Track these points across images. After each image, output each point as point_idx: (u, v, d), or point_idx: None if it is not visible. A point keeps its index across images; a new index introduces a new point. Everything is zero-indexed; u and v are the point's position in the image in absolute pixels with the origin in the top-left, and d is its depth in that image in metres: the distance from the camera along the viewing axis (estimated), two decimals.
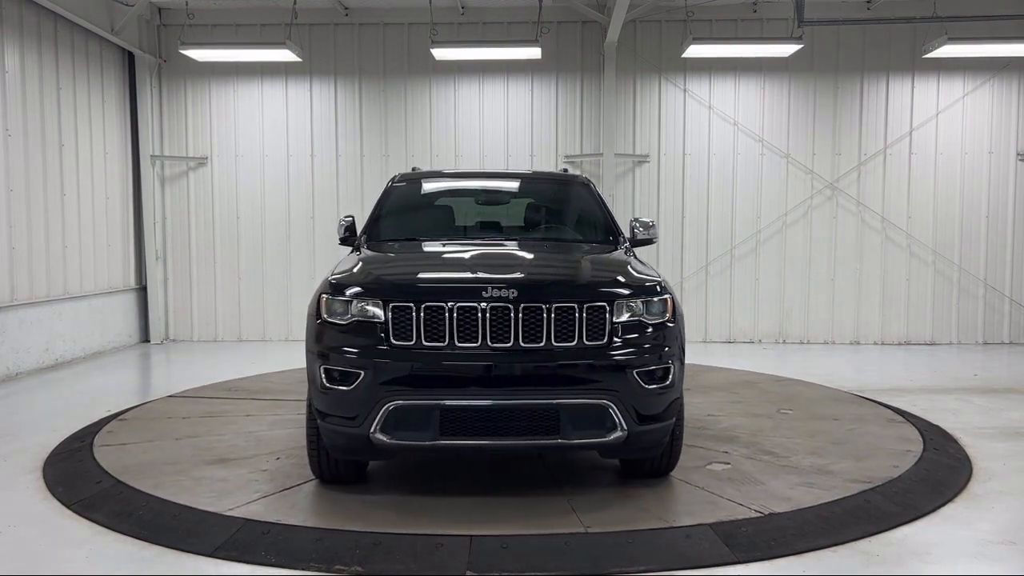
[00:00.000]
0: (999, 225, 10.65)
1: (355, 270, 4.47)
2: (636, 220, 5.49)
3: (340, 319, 4.11)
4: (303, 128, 10.83)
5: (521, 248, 5.18)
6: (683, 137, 10.72)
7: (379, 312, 4.03)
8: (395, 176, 6.16)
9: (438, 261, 4.90)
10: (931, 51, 9.39)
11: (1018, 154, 10.61)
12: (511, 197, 6.27)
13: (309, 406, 4.32)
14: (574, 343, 4.01)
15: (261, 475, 4.73)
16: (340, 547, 3.71)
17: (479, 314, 3.97)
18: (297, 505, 4.24)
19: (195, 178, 10.91)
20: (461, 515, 4.10)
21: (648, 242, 5.45)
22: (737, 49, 9.90)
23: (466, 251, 4.96)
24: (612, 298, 4.10)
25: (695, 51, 9.53)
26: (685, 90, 10.67)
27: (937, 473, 4.83)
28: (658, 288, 4.26)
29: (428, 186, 6.32)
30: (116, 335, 10.22)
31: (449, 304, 3.97)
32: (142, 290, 10.82)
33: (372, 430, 3.92)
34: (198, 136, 10.88)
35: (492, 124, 10.78)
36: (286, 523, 3.97)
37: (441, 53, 9.54)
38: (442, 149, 10.78)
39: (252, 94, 10.81)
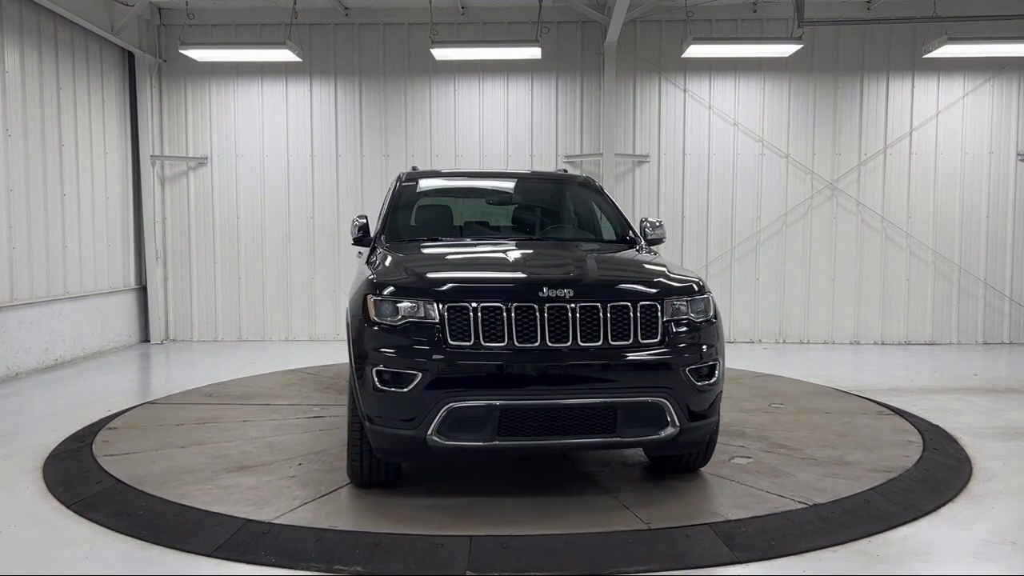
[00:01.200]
0: (999, 225, 10.65)
1: (398, 270, 4.38)
2: (646, 220, 5.58)
3: (390, 320, 4.02)
4: (303, 128, 10.83)
5: (554, 248, 5.20)
6: (683, 137, 10.71)
7: (434, 313, 3.97)
8: (402, 175, 6.05)
9: (481, 261, 4.86)
10: (931, 51, 9.39)
11: (1018, 154, 10.61)
12: (525, 197, 6.25)
13: (352, 410, 4.25)
14: (629, 341, 4.04)
15: (291, 482, 4.61)
16: (340, 547, 3.70)
17: (537, 313, 3.96)
18: (345, 509, 4.17)
19: (195, 178, 10.91)
20: (519, 515, 4.09)
21: (658, 241, 5.53)
22: (737, 49, 9.89)
23: (500, 251, 4.94)
24: (662, 297, 4.16)
25: (695, 51, 9.52)
26: (685, 90, 10.67)
27: (937, 473, 4.84)
28: (700, 287, 4.34)
29: (441, 185, 6.29)
30: (116, 335, 10.22)
31: (507, 304, 3.97)
32: (142, 290, 10.82)
33: (429, 432, 3.88)
34: (198, 136, 10.88)
35: (492, 124, 10.78)
36: (288, 524, 3.96)
37: (441, 53, 9.54)
38: (442, 149, 10.78)
39: (252, 94, 10.81)
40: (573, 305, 3.99)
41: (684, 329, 4.15)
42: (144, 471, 4.81)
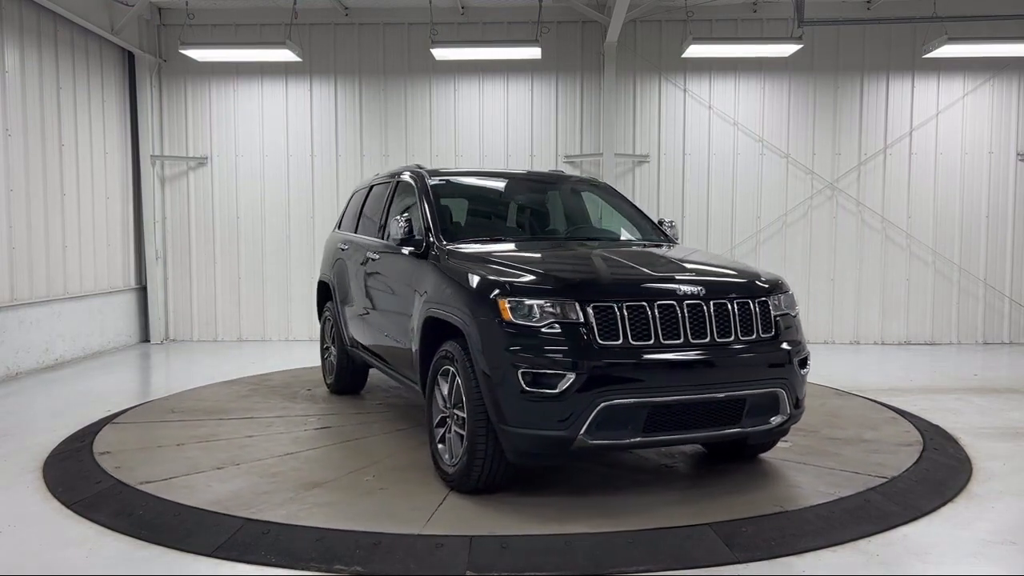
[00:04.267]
0: (999, 225, 10.65)
1: (512, 271, 4.32)
2: (663, 220, 5.85)
3: (528, 321, 4.01)
4: (303, 128, 10.83)
5: (634, 247, 5.32)
6: (683, 137, 10.71)
7: (578, 312, 4.00)
8: (422, 171, 5.78)
9: (589, 260, 4.79)
10: (931, 51, 9.39)
11: (1018, 154, 10.61)
12: (556, 199, 6.24)
13: (474, 415, 4.14)
14: (754, 336, 4.28)
15: (385, 494, 4.38)
16: (340, 547, 3.70)
17: (678, 311, 4.11)
18: (479, 515, 4.06)
19: (195, 178, 10.91)
20: (624, 511, 4.13)
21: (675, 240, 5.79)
22: (737, 49, 9.89)
23: (590, 251, 4.98)
24: (769, 292, 4.46)
25: (695, 51, 9.52)
26: (685, 90, 10.67)
27: (937, 473, 4.83)
28: (785, 283, 4.69)
29: (474, 184, 6.25)
30: (116, 335, 10.22)
31: (651, 303, 4.08)
32: (142, 290, 10.82)
33: (582, 431, 3.90)
34: (198, 136, 10.88)
35: (492, 124, 10.78)
36: (287, 523, 3.95)
37: (441, 53, 9.54)
38: (442, 149, 10.78)
39: (252, 94, 10.81)
40: (708, 302, 4.17)
41: (787, 322, 4.47)
42: (213, 496, 4.33)
